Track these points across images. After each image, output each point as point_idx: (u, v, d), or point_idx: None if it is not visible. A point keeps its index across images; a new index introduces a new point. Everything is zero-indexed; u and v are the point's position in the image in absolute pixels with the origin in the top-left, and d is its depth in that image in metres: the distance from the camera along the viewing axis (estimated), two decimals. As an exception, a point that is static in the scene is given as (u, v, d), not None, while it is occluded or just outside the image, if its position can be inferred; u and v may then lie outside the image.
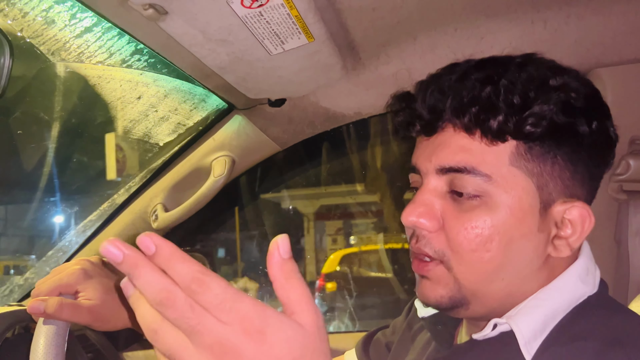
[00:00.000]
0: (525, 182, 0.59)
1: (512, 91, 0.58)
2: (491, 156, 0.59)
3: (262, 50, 0.88)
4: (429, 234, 0.62)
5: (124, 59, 1.09)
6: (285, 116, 1.18)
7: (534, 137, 0.58)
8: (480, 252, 0.59)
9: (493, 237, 0.59)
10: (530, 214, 0.59)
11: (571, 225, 0.60)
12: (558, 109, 0.58)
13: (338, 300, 5.50)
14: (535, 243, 0.60)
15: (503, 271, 0.60)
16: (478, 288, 0.61)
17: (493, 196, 0.59)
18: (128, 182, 1.42)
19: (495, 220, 0.59)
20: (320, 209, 9.25)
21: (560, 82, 0.59)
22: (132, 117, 1.34)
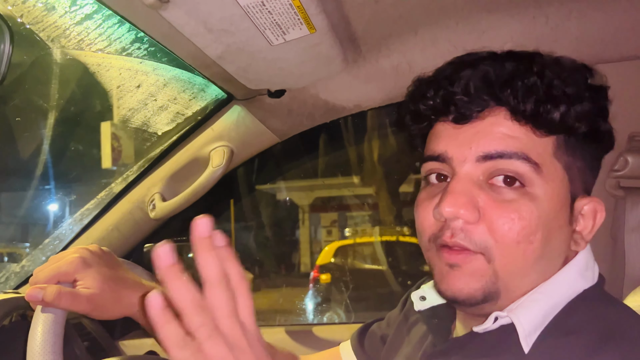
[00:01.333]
0: (562, 175, 0.60)
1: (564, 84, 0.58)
2: (539, 146, 0.59)
3: (263, 40, 0.87)
4: (467, 225, 0.59)
5: (124, 47, 1.08)
6: (285, 107, 1.18)
7: (575, 132, 0.59)
8: (524, 244, 0.58)
9: (538, 229, 0.58)
10: (565, 207, 0.60)
11: (584, 219, 0.62)
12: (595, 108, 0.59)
13: (332, 291, 5.52)
14: (566, 236, 0.62)
15: (539, 263, 0.60)
16: (513, 280, 0.60)
17: (537, 186, 0.58)
18: (126, 171, 1.42)
19: (539, 211, 0.58)
20: (315, 201, 9.27)
21: (599, 82, 0.62)
22: (131, 106, 1.34)
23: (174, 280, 0.45)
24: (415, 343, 0.78)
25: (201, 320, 0.45)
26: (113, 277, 0.78)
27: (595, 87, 0.61)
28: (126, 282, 0.79)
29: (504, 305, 0.61)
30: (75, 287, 0.76)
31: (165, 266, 0.45)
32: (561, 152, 0.60)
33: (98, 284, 0.75)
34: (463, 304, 0.62)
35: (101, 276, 0.76)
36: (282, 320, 5.66)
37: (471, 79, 0.60)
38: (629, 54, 1.03)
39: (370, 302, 5.16)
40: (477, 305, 0.61)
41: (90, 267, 0.77)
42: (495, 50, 0.66)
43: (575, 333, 0.56)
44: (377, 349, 0.88)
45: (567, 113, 0.58)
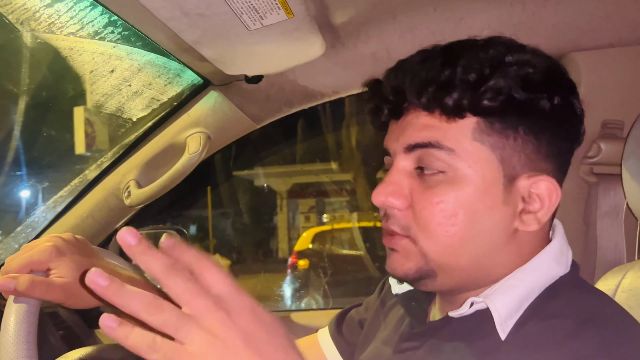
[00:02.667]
0: (488, 156, 0.60)
1: (468, 69, 0.59)
2: (453, 132, 0.61)
3: (240, 25, 0.86)
4: (397, 212, 0.64)
5: (97, 30, 1.06)
6: (262, 93, 1.17)
7: (493, 112, 0.60)
8: (445, 226, 0.61)
9: (457, 211, 0.61)
10: (494, 187, 0.61)
11: (539, 199, 0.62)
12: (515, 84, 0.59)
13: (310, 277, 5.55)
14: (500, 216, 0.61)
15: (469, 244, 0.62)
16: (445, 261, 0.62)
17: (457, 170, 0.61)
18: (100, 157, 1.39)
19: (459, 194, 0.61)
20: (293, 187, 9.27)
21: (516, 58, 0.60)
22: (105, 91, 1.31)
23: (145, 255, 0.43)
24: (392, 326, 0.78)
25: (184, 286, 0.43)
26: (87, 265, 0.76)
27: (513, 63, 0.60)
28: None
29: (448, 283, 0.64)
30: (48, 275, 0.74)
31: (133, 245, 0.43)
32: (482, 134, 0.60)
33: (72, 272, 0.74)
34: (402, 280, 0.67)
35: (75, 264, 0.75)
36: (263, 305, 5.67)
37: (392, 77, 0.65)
38: (604, 42, 1.04)
39: (348, 288, 5.21)
40: (416, 282, 0.65)
41: (64, 255, 0.75)
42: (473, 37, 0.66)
43: (553, 318, 0.57)
44: (356, 334, 0.89)
45: (461, 97, 0.59)
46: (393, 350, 0.73)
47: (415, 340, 0.70)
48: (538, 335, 0.56)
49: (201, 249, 0.45)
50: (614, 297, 0.87)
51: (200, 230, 8.73)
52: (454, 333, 0.64)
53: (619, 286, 0.87)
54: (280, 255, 8.92)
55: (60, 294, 0.72)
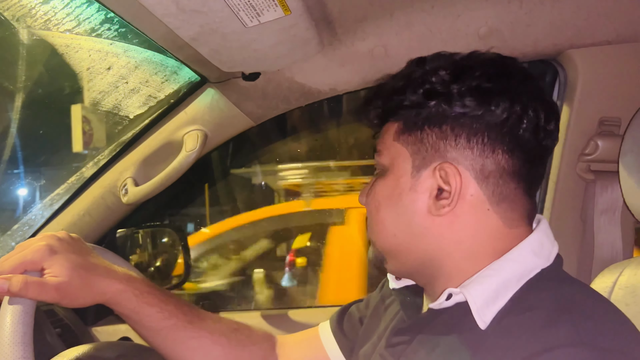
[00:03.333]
0: (401, 151, 0.70)
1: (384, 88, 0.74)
2: (385, 136, 0.73)
3: (237, 22, 0.86)
4: None
5: (93, 27, 1.05)
6: (260, 91, 1.17)
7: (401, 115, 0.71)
8: (373, 212, 0.74)
9: (379, 199, 0.72)
10: (403, 177, 0.70)
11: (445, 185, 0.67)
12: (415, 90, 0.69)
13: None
14: (409, 201, 0.69)
15: (390, 227, 0.71)
16: (381, 243, 0.74)
17: (383, 166, 0.73)
18: (97, 155, 1.39)
19: (382, 185, 0.72)
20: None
21: (421, 72, 0.70)
22: (102, 89, 1.30)
23: None
24: (389, 321, 0.80)
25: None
26: (82, 263, 0.75)
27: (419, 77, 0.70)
28: (97, 268, 0.77)
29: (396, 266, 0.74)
30: (42, 275, 0.72)
31: None
32: (399, 134, 0.71)
33: (66, 271, 0.72)
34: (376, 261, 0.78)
35: (70, 263, 0.73)
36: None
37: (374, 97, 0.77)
38: (601, 39, 1.04)
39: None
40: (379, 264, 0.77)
41: (58, 254, 0.74)
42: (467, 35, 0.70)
43: (532, 310, 0.59)
44: (355, 330, 0.90)
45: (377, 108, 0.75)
46: (385, 345, 0.75)
47: (405, 334, 0.72)
48: (516, 326, 0.58)
49: None
50: (611, 294, 0.87)
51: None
52: (439, 326, 0.67)
53: (616, 283, 0.87)
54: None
55: (55, 293, 0.71)
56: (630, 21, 1.01)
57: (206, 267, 3.84)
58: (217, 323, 0.89)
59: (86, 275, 0.74)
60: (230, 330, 0.90)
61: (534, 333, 0.56)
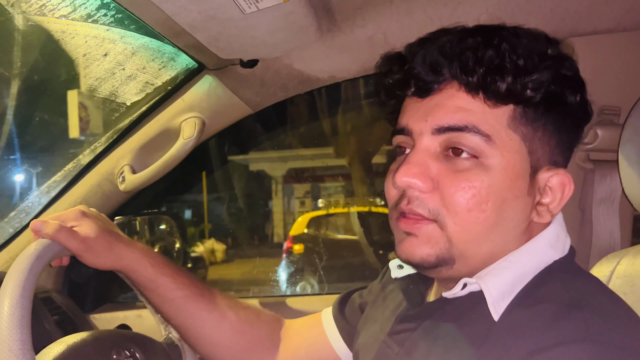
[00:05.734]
0: (519, 146, 0.61)
1: (516, 55, 0.59)
2: (492, 117, 0.60)
3: (235, 8, 0.85)
4: (422, 194, 0.62)
5: (89, 13, 1.04)
6: (258, 78, 1.16)
7: (531, 103, 0.60)
8: (476, 212, 0.60)
9: (489, 198, 0.60)
10: (522, 178, 0.61)
11: (552, 192, 0.63)
12: (553, 78, 0.59)
13: (305, 262, 5.57)
14: (523, 206, 0.62)
15: (493, 232, 0.62)
16: (467, 248, 0.62)
17: (489, 157, 0.60)
18: (94, 142, 1.38)
19: (492, 181, 0.60)
20: (288, 172, 9.27)
21: (556, 52, 0.61)
22: (98, 75, 1.29)
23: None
24: (391, 309, 0.79)
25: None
26: (108, 230, 0.83)
27: (554, 57, 0.61)
28: (120, 236, 0.85)
29: (461, 270, 0.64)
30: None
31: None
32: (517, 123, 0.60)
33: (94, 231, 0.80)
34: (418, 267, 0.65)
35: (97, 226, 0.81)
36: (256, 290, 5.70)
37: (428, 53, 0.62)
38: (602, 27, 1.03)
39: (343, 272, 5.22)
40: (432, 268, 0.64)
41: (89, 218, 0.82)
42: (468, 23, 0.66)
43: (542, 302, 0.58)
44: (356, 317, 0.90)
45: (514, 83, 0.59)
46: (389, 332, 0.74)
47: (411, 321, 0.71)
48: (526, 318, 0.57)
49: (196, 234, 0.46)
50: (608, 284, 0.87)
51: (195, 215, 8.74)
52: (448, 314, 0.65)
53: (614, 272, 0.88)
54: (276, 240, 8.94)
55: (81, 245, 0.78)
56: (631, 9, 1.00)
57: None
58: (228, 299, 0.93)
59: (110, 239, 0.82)
60: (240, 308, 0.93)
61: (543, 326, 0.55)
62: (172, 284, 0.87)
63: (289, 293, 5.23)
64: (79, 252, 0.78)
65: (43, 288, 1.34)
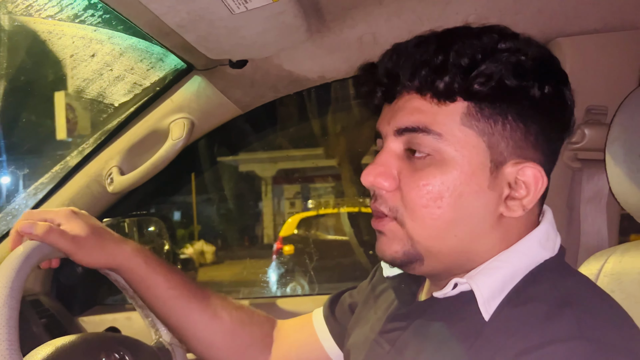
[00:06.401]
0: (476, 141, 0.61)
1: (461, 54, 0.60)
2: (442, 116, 0.61)
3: (224, 8, 0.85)
4: (386, 193, 0.65)
5: (77, 13, 1.03)
6: (247, 78, 1.15)
7: (483, 97, 0.60)
8: (431, 208, 0.62)
9: (443, 194, 0.62)
10: (480, 172, 0.62)
11: (525, 186, 0.62)
12: (506, 70, 0.59)
13: (296, 263, 5.57)
14: (486, 200, 0.62)
15: (455, 227, 0.63)
16: (431, 244, 0.64)
17: (444, 154, 0.61)
18: (81, 143, 1.37)
19: (445, 177, 0.62)
20: (278, 172, 9.25)
21: (509, 45, 0.61)
22: (86, 76, 1.28)
23: None
24: (383, 309, 0.80)
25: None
26: (99, 228, 0.83)
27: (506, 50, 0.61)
28: (112, 235, 0.85)
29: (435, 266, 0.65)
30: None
31: None
32: (471, 119, 0.61)
33: (85, 230, 0.80)
34: (391, 264, 0.68)
35: (88, 225, 0.82)
36: (246, 292, 5.69)
37: (387, 61, 0.65)
38: (589, 27, 1.04)
39: (334, 273, 5.22)
40: (404, 266, 0.67)
41: (78, 217, 0.82)
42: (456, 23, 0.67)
43: (533, 301, 0.58)
44: (347, 317, 0.90)
45: (452, 81, 0.60)
46: (380, 331, 0.74)
47: (401, 320, 0.71)
48: (518, 317, 0.57)
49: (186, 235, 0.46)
50: (596, 282, 0.88)
51: (184, 216, 8.70)
52: (439, 313, 0.65)
53: (602, 270, 0.88)
54: (266, 241, 8.92)
55: (72, 244, 0.78)
56: (617, 9, 1.01)
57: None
58: (221, 300, 0.93)
59: (102, 238, 0.82)
60: (233, 308, 0.93)
61: (534, 325, 0.55)
62: (165, 282, 0.86)
63: (280, 294, 5.22)
64: (71, 252, 0.78)
65: (31, 291, 1.33)
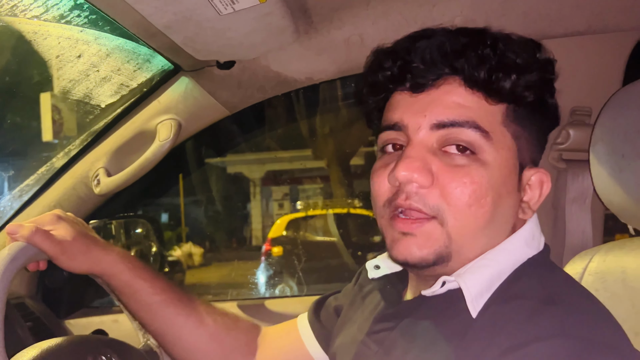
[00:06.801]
0: (511, 143, 0.63)
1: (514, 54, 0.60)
2: (489, 114, 0.61)
3: (211, 9, 0.85)
4: (421, 189, 0.62)
5: (62, 14, 1.03)
6: (235, 79, 1.15)
7: (523, 102, 0.62)
8: (475, 207, 0.61)
9: (488, 193, 0.61)
10: (513, 174, 0.63)
11: (532, 189, 0.65)
12: (541, 79, 0.62)
13: (284, 264, 5.56)
14: (514, 202, 0.64)
15: (489, 227, 0.63)
16: (465, 243, 0.63)
17: (486, 153, 0.61)
18: (68, 145, 1.36)
19: (489, 176, 0.61)
20: (267, 174, 9.23)
21: (545, 56, 0.64)
22: (72, 77, 1.27)
23: None
24: (369, 310, 0.80)
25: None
26: (85, 233, 0.84)
27: (543, 60, 0.64)
28: (97, 240, 0.85)
29: (454, 267, 0.64)
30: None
31: None
32: (510, 121, 0.62)
33: (70, 233, 0.81)
34: (415, 267, 0.65)
35: (74, 229, 0.82)
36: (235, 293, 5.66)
37: (427, 48, 0.63)
38: (573, 30, 1.05)
39: (323, 274, 5.22)
40: (428, 267, 0.63)
41: (65, 221, 0.83)
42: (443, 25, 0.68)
43: (518, 299, 0.59)
44: (332, 321, 0.90)
45: (517, 82, 0.60)
46: (367, 332, 0.74)
47: (389, 320, 0.71)
48: (504, 314, 0.58)
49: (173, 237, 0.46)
50: (581, 280, 0.89)
51: (172, 218, 8.65)
52: (427, 312, 0.66)
53: (586, 269, 0.89)
54: (254, 242, 8.90)
55: (57, 247, 0.78)
56: (600, 12, 1.03)
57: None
58: (205, 306, 0.93)
59: (87, 242, 0.83)
60: (218, 314, 0.93)
61: (519, 323, 0.56)
62: (149, 288, 0.86)
63: (268, 296, 5.21)
64: (55, 255, 0.78)
65: (16, 294, 1.32)
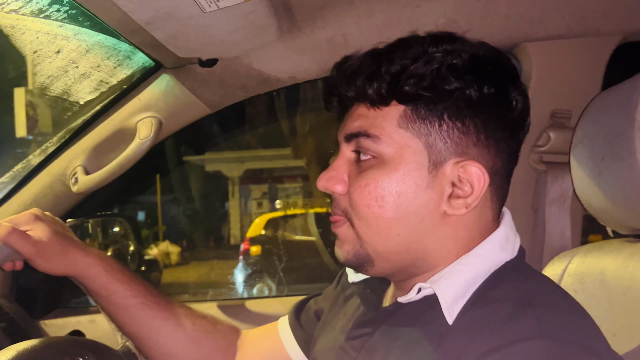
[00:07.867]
0: (412, 142, 0.64)
1: (391, 61, 0.64)
2: (380, 120, 0.65)
3: (194, 6, 0.84)
4: (338, 196, 0.69)
5: (41, 8, 1.00)
6: (217, 77, 1.14)
7: (417, 99, 0.63)
8: (373, 208, 0.65)
9: (383, 193, 0.64)
10: (418, 172, 0.64)
11: (469, 184, 0.64)
12: (438, 71, 0.62)
13: (263, 263, 5.54)
14: (425, 199, 0.64)
15: (397, 226, 0.65)
16: (377, 243, 0.66)
17: (383, 156, 0.65)
18: (44, 142, 1.33)
19: (384, 177, 0.64)
20: (245, 172, 9.19)
21: (442, 48, 0.64)
22: (50, 73, 1.24)
23: None
24: (349, 315, 0.80)
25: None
26: (62, 234, 0.83)
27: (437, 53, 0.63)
28: (74, 241, 0.84)
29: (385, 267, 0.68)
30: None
31: None
32: (407, 121, 0.64)
33: (47, 234, 0.81)
34: (347, 265, 0.72)
35: (51, 230, 0.82)
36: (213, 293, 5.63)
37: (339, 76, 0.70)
38: (554, 33, 1.07)
39: (302, 273, 5.22)
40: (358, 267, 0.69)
41: (42, 221, 0.83)
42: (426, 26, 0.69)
43: (495, 302, 0.59)
44: (313, 325, 0.90)
45: (379, 86, 0.64)
46: (346, 338, 0.74)
47: (367, 326, 0.71)
48: (479, 319, 0.59)
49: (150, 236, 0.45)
50: (560, 282, 0.90)
51: (149, 216, 8.56)
52: (404, 318, 0.66)
53: (565, 271, 0.91)
54: (233, 242, 8.86)
55: (33, 248, 0.78)
56: (581, 16, 1.04)
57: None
58: (184, 308, 0.92)
59: (63, 243, 0.82)
60: (196, 317, 0.92)
61: (497, 326, 0.56)
62: (126, 291, 0.85)
63: (247, 295, 5.19)
64: (31, 256, 0.78)
65: (-11, 294, 1.29)
